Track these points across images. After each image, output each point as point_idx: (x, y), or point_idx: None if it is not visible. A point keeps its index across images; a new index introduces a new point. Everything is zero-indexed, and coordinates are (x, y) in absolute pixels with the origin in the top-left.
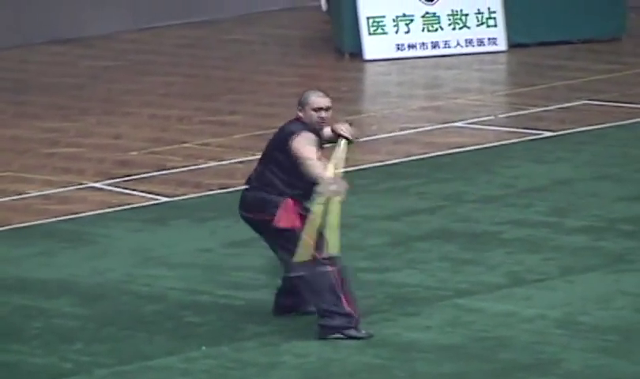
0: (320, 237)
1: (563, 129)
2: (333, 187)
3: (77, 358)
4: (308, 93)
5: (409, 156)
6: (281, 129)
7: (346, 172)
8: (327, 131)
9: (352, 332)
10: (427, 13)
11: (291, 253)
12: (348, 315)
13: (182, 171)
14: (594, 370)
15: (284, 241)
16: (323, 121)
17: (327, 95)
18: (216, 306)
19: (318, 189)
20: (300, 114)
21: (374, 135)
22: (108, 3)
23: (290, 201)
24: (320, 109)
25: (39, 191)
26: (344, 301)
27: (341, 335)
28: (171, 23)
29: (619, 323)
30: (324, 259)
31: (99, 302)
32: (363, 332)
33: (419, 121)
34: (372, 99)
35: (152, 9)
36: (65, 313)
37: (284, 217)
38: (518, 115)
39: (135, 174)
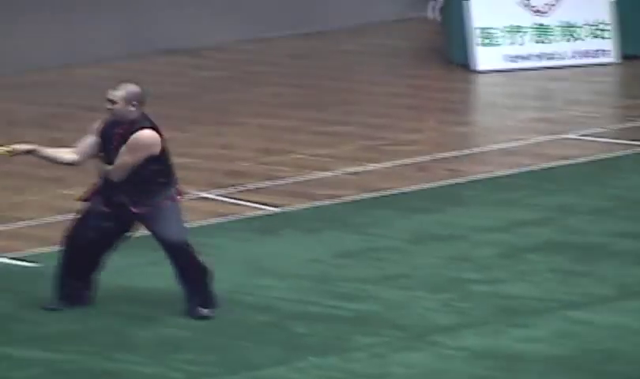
0: None
1: None
2: None
3: (187, 367)
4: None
5: (519, 168)
6: None
7: (455, 184)
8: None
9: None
10: (539, 24)
11: None
12: None
13: (292, 182)
14: None
15: None
16: (110, 112)
17: (122, 89)
18: (324, 317)
19: None
20: None
21: (484, 146)
22: (221, 15)
23: None
24: (106, 100)
25: None
26: None
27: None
28: (282, 34)
29: None
30: None
31: None
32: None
33: (529, 132)
34: (482, 110)
35: (264, 20)
36: (174, 323)
37: None
38: (629, 127)
39: (245, 184)
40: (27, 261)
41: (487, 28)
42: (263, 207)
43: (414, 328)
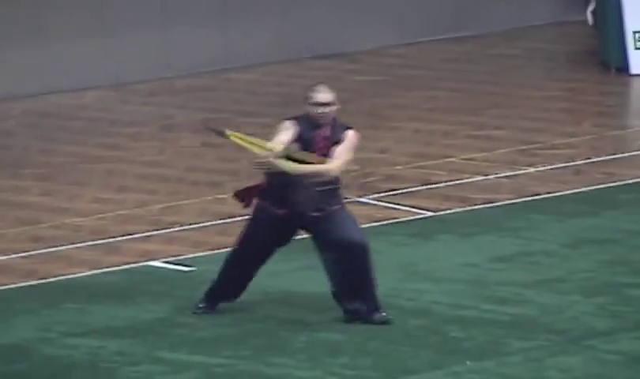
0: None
1: None
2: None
3: (343, 371)
4: (312, 88)
5: None
6: None
7: (609, 187)
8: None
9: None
10: None
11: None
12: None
13: (447, 186)
14: None
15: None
16: (320, 116)
17: (330, 91)
18: (481, 321)
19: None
20: (306, 107)
21: (639, 150)
22: (374, 19)
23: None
24: (317, 104)
25: None
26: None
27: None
28: (436, 38)
29: None
30: None
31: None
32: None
33: None
34: (638, 113)
35: (418, 24)
36: (330, 327)
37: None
38: None
39: (400, 189)
40: (183, 265)
41: None
42: (419, 211)
43: (570, 333)
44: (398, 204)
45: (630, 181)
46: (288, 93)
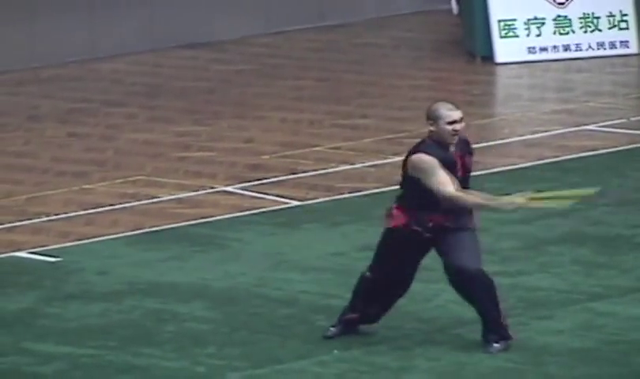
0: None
1: None
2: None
3: (210, 361)
4: (438, 106)
5: (541, 160)
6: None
7: (477, 175)
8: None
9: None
10: (559, 16)
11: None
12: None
13: (314, 175)
14: None
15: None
16: (456, 134)
17: (457, 106)
18: None
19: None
20: (432, 128)
21: (506, 138)
22: (240, 8)
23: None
24: (454, 122)
25: (171, 195)
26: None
27: (499, 346)
28: (302, 27)
29: None
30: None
31: (231, 305)
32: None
33: (551, 124)
34: (504, 102)
35: (284, 13)
36: (197, 317)
37: (395, 218)
38: None
39: (267, 178)
40: (49, 256)
41: (508, 20)
42: (285, 200)
43: (437, 321)
44: (265, 194)
45: (496, 170)
46: (154, 83)
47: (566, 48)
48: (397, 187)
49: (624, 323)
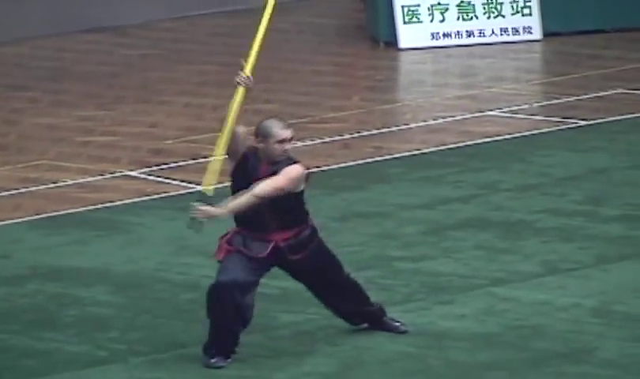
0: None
1: (598, 118)
2: None
3: (112, 346)
4: (270, 124)
5: (444, 145)
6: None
7: (379, 161)
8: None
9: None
10: (462, 1)
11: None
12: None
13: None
14: (629, 359)
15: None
16: (285, 153)
17: (288, 124)
18: None
19: None
20: (261, 145)
21: (409, 124)
22: None
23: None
24: (284, 141)
25: (74, 179)
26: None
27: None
28: (205, 11)
29: None
30: None
31: (133, 290)
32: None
33: (454, 110)
34: (407, 87)
35: None
36: (99, 302)
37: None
38: (553, 104)
39: (170, 163)
40: None
41: (412, 6)
42: (188, 185)
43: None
44: (168, 178)
45: (399, 155)
46: (57, 67)
47: (470, 34)
48: None
49: (526, 308)
